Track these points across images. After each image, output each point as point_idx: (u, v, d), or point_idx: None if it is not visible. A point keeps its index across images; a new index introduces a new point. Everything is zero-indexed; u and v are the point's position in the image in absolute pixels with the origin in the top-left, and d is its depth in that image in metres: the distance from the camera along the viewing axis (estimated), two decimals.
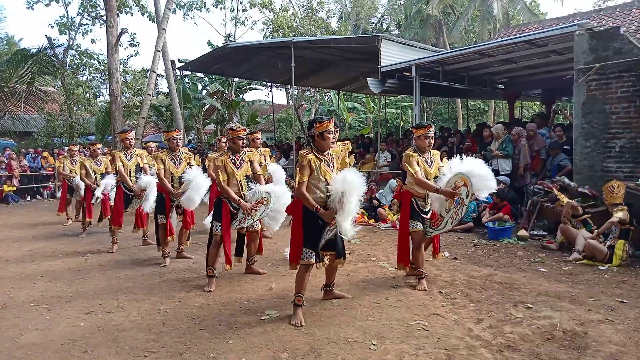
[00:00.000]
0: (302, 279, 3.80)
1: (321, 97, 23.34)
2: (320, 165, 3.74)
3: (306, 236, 3.75)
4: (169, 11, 15.20)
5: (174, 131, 5.83)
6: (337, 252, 3.92)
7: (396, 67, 9.66)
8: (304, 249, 3.74)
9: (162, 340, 3.45)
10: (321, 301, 4.18)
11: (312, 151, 3.79)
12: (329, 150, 3.87)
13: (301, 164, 3.71)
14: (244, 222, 4.76)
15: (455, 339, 3.35)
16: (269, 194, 4.71)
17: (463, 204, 4.30)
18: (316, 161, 3.73)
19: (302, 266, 3.78)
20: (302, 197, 3.70)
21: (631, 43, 6.47)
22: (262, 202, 4.72)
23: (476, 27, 22.79)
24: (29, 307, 4.29)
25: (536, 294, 4.29)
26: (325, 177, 3.75)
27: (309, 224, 3.75)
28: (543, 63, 9.84)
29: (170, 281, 5.01)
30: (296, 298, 3.80)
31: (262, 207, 4.72)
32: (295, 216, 3.86)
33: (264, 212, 4.73)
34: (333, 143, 3.81)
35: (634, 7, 12.69)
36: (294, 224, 3.87)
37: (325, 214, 3.68)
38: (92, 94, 22.69)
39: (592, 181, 6.67)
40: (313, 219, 3.74)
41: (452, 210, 4.42)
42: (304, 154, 3.74)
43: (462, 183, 4.27)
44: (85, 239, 7.58)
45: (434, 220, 4.60)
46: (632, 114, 6.41)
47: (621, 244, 5.23)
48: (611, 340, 3.26)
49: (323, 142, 3.77)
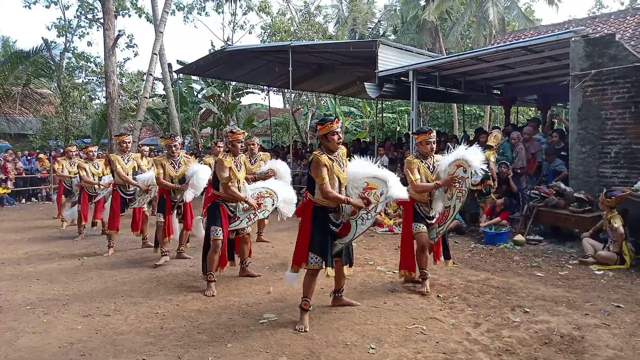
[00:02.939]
0: (309, 283, 3.77)
1: (318, 101, 23.39)
2: (332, 166, 3.68)
3: (313, 241, 3.70)
4: (166, 14, 15.21)
5: (169, 138, 5.81)
6: (344, 259, 3.89)
7: (393, 72, 9.71)
8: (310, 253, 3.70)
9: (160, 344, 3.44)
10: (320, 305, 4.17)
11: (324, 152, 3.73)
12: (339, 151, 3.82)
13: (318, 164, 3.62)
14: (254, 217, 4.91)
15: (453, 343, 3.36)
16: (265, 188, 4.92)
17: (464, 180, 4.30)
18: (329, 162, 3.67)
19: (309, 271, 3.75)
20: (329, 194, 3.60)
21: (626, 50, 6.54)
22: (263, 195, 4.89)
23: (472, 32, 22.97)
24: (26, 310, 4.26)
25: (533, 298, 4.32)
26: (339, 177, 3.71)
27: (318, 228, 3.71)
28: (539, 69, 9.91)
29: (168, 284, 5.00)
30: (303, 302, 3.76)
31: (268, 199, 4.89)
32: (304, 219, 3.82)
33: (276, 202, 4.91)
34: (338, 144, 3.75)
35: (628, 15, 12.83)
36: (302, 227, 3.82)
37: (355, 202, 3.64)
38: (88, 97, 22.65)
39: (587, 186, 6.73)
40: (323, 223, 3.71)
41: (455, 193, 4.41)
42: (317, 155, 3.67)
43: (455, 168, 4.33)
44: (82, 242, 7.54)
45: (440, 218, 4.58)
46: (628, 120, 6.47)
47: (625, 246, 5.36)
48: (608, 345, 3.28)
49: (329, 144, 3.72)
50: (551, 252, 6.17)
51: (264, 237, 7.26)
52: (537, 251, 6.25)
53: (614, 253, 5.38)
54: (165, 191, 5.75)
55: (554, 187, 6.80)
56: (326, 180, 3.59)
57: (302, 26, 22.81)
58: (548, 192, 6.83)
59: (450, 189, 4.43)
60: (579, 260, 5.62)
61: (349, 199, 3.67)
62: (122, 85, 22.15)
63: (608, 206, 5.53)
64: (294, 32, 21.91)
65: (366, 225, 3.76)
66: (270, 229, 7.97)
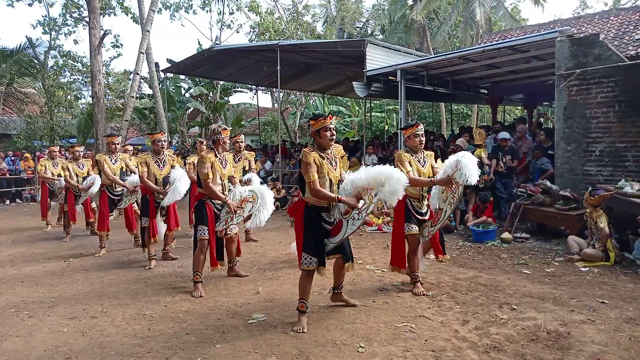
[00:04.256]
0: (304, 284, 3.71)
1: (306, 101, 23.37)
2: (323, 164, 3.60)
3: (306, 241, 3.66)
4: (153, 13, 15.08)
5: (158, 134, 5.85)
6: (345, 255, 3.82)
7: (382, 71, 9.75)
8: (304, 254, 3.66)
9: (148, 345, 3.41)
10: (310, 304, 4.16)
11: (315, 149, 3.65)
12: (332, 149, 3.73)
13: (307, 163, 3.53)
14: (230, 221, 4.76)
15: (442, 341, 3.38)
16: (253, 192, 4.80)
17: (458, 187, 4.26)
18: (320, 159, 3.59)
19: (303, 272, 3.70)
20: (319, 193, 3.53)
21: (610, 50, 6.64)
22: (247, 200, 4.77)
23: (459, 32, 23.12)
24: (10, 313, 4.19)
25: (520, 295, 4.36)
26: (330, 176, 3.63)
27: (310, 228, 3.65)
28: (525, 68, 10.03)
29: (155, 285, 4.95)
30: (299, 304, 3.71)
31: (249, 205, 4.78)
32: (297, 219, 3.77)
33: (254, 208, 4.77)
34: (331, 141, 3.66)
35: (612, 15, 13.04)
36: (296, 227, 3.79)
37: (347, 201, 3.53)
38: (73, 96, 22.35)
39: (573, 184, 6.82)
40: (315, 223, 3.64)
41: (449, 197, 4.37)
42: (307, 152, 3.58)
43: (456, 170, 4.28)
44: (68, 244, 7.44)
45: (432, 217, 4.56)
46: (612, 118, 6.57)
47: (609, 243, 5.45)
48: (593, 340, 3.32)
49: (321, 140, 3.63)
50: (538, 250, 6.24)
51: (252, 236, 7.23)
52: (524, 249, 6.32)
53: (599, 251, 5.46)
54: (149, 191, 5.71)
55: (540, 185, 6.88)
56: (315, 179, 3.53)
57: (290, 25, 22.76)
58: (534, 190, 6.91)
59: (446, 190, 4.36)
60: (565, 257, 5.69)
61: (340, 197, 3.59)
62: (108, 84, 21.90)
63: (592, 204, 5.61)
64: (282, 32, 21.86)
65: (356, 225, 3.67)
66: (259, 228, 7.91)
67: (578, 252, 5.63)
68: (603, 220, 5.47)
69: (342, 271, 3.95)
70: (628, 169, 6.42)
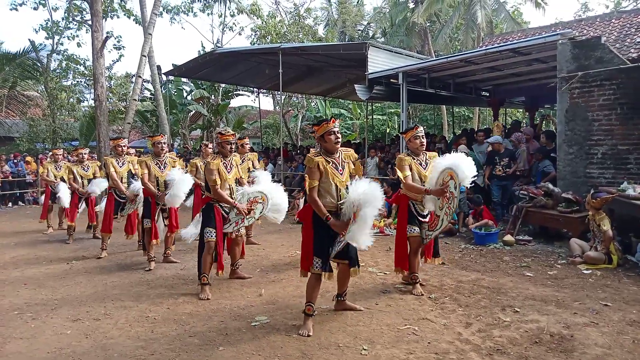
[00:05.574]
0: (313, 288, 3.70)
1: (308, 103, 23.41)
2: (327, 168, 3.58)
3: (316, 245, 3.64)
4: (155, 16, 15.14)
5: (158, 136, 5.87)
6: (350, 260, 3.76)
7: (383, 74, 9.76)
8: (315, 257, 3.64)
9: (151, 348, 3.41)
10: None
11: (320, 154, 3.63)
12: (340, 153, 3.71)
13: (310, 168, 3.52)
14: (241, 222, 4.77)
15: (445, 343, 3.38)
16: (261, 192, 4.77)
17: (454, 197, 4.23)
18: (325, 164, 3.58)
19: (313, 275, 3.68)
20: (314, 203, 3.52)
21: (612, 52, 6.64)
22: (257, 200, 4.76)
23: (460, 35, 23.14)
24: (13, 315, 4.20)
25: (523, 298, 4.35)
26: (335, 181, 3.61)
27: (320, 232, 3.63)
28: (526, 71, 10.03)
29: (158, 288, 4.96)
30: (306, 307, 3.68)
31: (259, 206, 4.77)
32: (305, 223, 3.77)
33: (264, 210, 4.78)
34: (337, 144, 3.63)
35: (613, 17, 13.03)
36: (305, 231, 3.79)
37: (336, 225, 3.50)
38: (75, 99, 22.41)
39: (575, 187, 6.81)
40: (324, 226, 3.59)
41: (445, 206, 4.37)
42: (311, 157, 3.57)
43: (449, 178, 4.24)
44: (70, 246, 7.45)
45: (431, 222, 4.56)
46: (614, 121, 6.57)
47: (612, 246, 5.44)
48: (597, 343, 3.32)
49: (327, 144, 3.61)
50: (540, 252, 6.23)
51: (253, 239, 7.23)
52: (527, 251, 6.31)
53: (602, 253, 5.45)
54: (150, 193, 5.72)
55: (543, 188, 6.88)
56: (314, 186, 3.53)
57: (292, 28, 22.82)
58: (536, 192, 6.90)
59: (442, 199, 4.34)
60: (568, 259, 5.68)
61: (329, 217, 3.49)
62: (110, 87, 21.97)
63: (594, 207, 5.61)
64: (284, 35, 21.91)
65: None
66: (261, 231, 7.95)
67: (580, 255, 5.62)
68: (606, 223, 5.47)
69: (346, 278, 3.94)
70: (630, 172, 6.41)
